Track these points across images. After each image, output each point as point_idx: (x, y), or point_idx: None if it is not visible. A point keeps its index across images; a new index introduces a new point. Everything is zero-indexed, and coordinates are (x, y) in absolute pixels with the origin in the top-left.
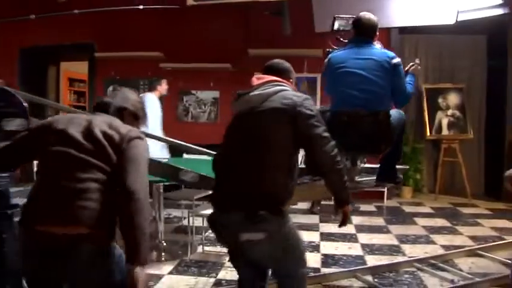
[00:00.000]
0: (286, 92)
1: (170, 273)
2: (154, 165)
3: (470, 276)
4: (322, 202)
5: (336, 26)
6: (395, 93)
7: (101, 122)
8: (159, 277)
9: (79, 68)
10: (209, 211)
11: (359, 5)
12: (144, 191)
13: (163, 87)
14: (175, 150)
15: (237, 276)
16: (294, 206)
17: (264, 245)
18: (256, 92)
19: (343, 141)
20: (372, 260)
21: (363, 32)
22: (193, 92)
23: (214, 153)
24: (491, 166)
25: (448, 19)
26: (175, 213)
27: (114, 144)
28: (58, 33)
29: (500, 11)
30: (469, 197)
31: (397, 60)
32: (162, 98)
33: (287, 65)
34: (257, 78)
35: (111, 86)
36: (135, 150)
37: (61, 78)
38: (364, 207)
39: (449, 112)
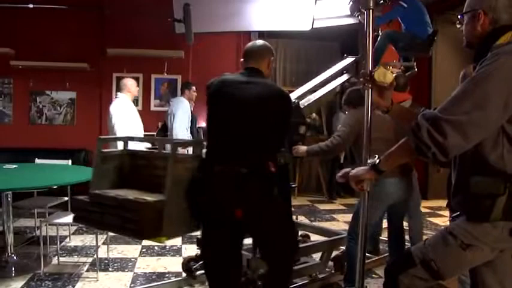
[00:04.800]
0: None
1: None
2: None
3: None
4: None
5: None
6: None
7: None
8: None
9: None
10: (64, 219)
11: (221, 9)
12: None
13: (191, 93)
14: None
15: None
16: None
17: None
18: None
19: None
20: None
21: None
22: (48, 92)
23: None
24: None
25: (304, 26)
26: (27, 223)
27: None
28: None
29: (351, 21)
30: (325, 195)
31: None
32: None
33: None
34: None
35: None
36: None
37: None
38: None
39: None
